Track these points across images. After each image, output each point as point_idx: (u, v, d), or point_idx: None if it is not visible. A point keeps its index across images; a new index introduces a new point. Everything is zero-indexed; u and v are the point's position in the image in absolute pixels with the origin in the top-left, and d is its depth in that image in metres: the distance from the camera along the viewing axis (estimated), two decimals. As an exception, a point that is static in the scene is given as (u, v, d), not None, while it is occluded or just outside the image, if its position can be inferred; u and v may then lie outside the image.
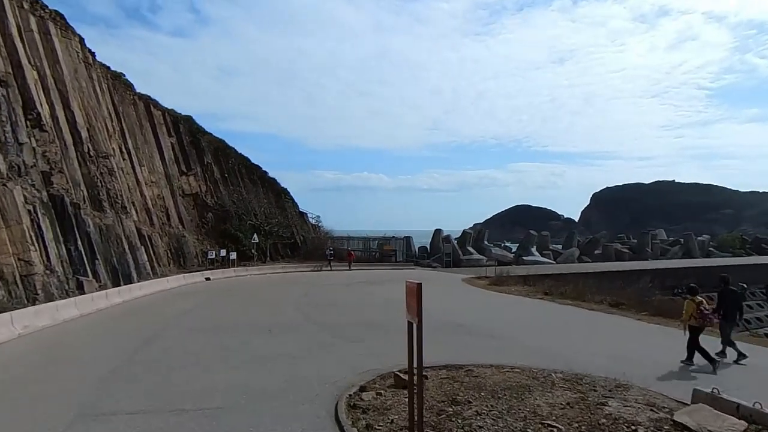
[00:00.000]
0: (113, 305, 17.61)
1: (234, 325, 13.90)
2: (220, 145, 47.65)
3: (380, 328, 13.37)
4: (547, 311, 17.54)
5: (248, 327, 13.40)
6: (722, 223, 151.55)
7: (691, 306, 9.83)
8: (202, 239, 41.33)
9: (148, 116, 40.49)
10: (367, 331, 12.89)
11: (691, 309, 9.79)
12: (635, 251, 56.98)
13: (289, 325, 13.61)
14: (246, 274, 32.63)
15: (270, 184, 50.86)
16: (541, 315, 16.66)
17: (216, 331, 12.83)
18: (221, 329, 13.14)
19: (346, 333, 12.52)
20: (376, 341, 11.48)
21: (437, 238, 48.31)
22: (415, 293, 5.35)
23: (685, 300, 10.27)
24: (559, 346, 11.52)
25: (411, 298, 5.49)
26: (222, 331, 12.94)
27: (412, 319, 5.59)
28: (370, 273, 35.47)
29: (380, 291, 23.90)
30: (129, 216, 29.31)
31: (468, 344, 11.34)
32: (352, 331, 12.88)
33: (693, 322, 9.80)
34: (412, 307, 5.46)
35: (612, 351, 10.91)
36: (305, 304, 18.50)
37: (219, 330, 13.04)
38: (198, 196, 43.59)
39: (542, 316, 16.13)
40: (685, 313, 9.99)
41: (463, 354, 10.12)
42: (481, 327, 13.72)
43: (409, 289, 5.54)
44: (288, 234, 45.07)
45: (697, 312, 9.71)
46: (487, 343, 11.52)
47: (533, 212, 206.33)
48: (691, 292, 10.30)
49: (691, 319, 9.79)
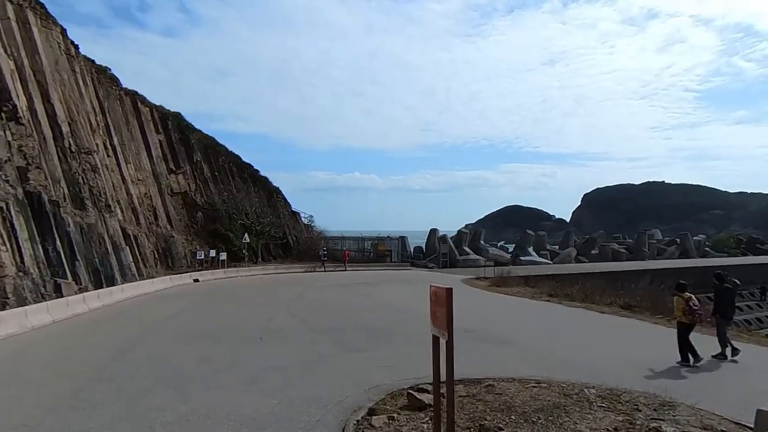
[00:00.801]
0: (91, 310, 16.29)
1: (220, 332, 12.66)
2: (209, 143, 46.28)
3: (384, 334, 12.28)
4: (557, 314, 16.54)
5: (236, 334, 12.19)
6: (712, 223, 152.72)
7: (680, 302, 9.67)
8: (192, 239, 39.95)
9: (135, 112, 39.06)
10: (370, 338, 11.78)
11: (681, 305, 9.65)
12: (632, 251, 56.42)
13: (282, 332, 12.42)
14: (236, 275, 31.37)
15: (261, 182, 49.57)
16: (552, 318, 15.67)
17: (200, 340, 11.58)
18: (206, 337, 11.90)
19: (347, 341, 11.39)
20: (381, 350, 10.38)
21: (433, 238, 47.32)
22: (445, 301, 4.28)
23: (674, 297, 10.06)
24: (578, 353, 10.53)
25: (438, 306, 4.41)
26: (206, 339, 11.68)
27: (440, 333, 4.50)
28: (365, 274, 34.36)
29: (379, 293, 22.81)
30: (113, 215, 27.95)
31: (482, 352, 10.28)
32: (352, 338, 11.76)
33: (683, 319, 9.63)
34: (440, 319, 4.38)
35: (637, 357, 9.95)
36: (299, 308, 17.34)
37: (203, 338, 11.81)
38: (187, 194, 42.20)
39: (554, 320, 15.13)
40: (676, 310, 9.86)
41: (479, 364, 9.07)
42: (492, 332, 12.67)
43: (437, 295, 4.45)
44: (280, 234, 43.81)
45: (687, 308, 9.54)
46: (502, 351, 10.48)
47: (525, 213, 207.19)
48: (680, 288, 10.01)
49: (683, 316, 9.64)
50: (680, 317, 9.74)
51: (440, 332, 4.47)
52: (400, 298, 20.59)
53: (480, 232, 49.54)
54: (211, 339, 11.59)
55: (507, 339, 11.85)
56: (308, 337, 11.90)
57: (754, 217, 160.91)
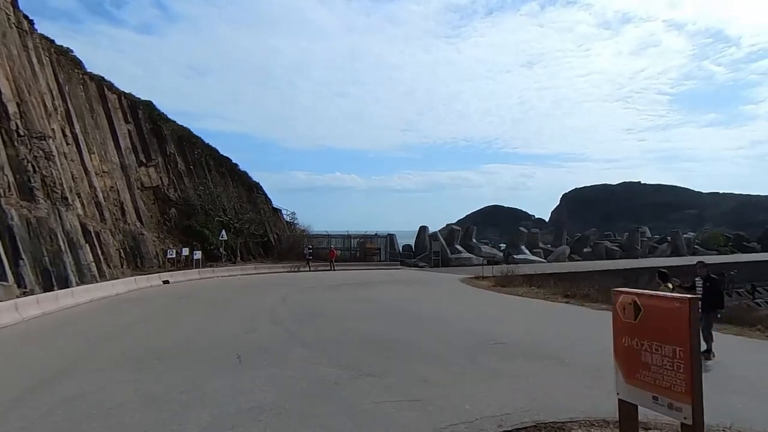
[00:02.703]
0: (26, 320, 13.17)
1: (185, 349, 9.77)
2: (184, 134, 43.02)
3: (393, 348, 9.71)
4: (588, 319, 14.19)
5: (206, 353, 9.36)
6: (686, 222, 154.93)
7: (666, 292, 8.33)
8: (164, 237, 36.70)
9: (101, 99, 35.66)
10: (378, 354, 9.17)
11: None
12: (625, 249, 55.13)
13: (265, 348, 9.64)
14: (212, 276, 28.39)
15: (240, 177, 46.47)
16: (586, 324, 13.29)
17: (155, 363, 8.60)
18: (165, 358, 8.96)
19: (350, 359, 8.75)
20: (398, 373, 7.79)
21: (423, 235, 44.99)
22: (683, 332, 1.74)
23: (659, 287, 8.89)
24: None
25: (661, 341, 1.90)
26: (165, 362, 8.71)
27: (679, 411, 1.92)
28: (354, 274, 31.72)
29: (373, 295, 20.24)
30: (71, 209, 24.75)
31: (530, 375, 7.81)
32: (356, 355, 9.13)
33: None
34: (664, 373, 1.88)
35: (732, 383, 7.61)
36: (285, 315, 14.63)
37: (161, 360, 8.87)
38: (159, 189, 38.89)
39: (593, 328, 12.71)
40: None
41: (535, 394, 6.62)
42: (530, 345, 10.22)
43: (657, 316, 1.94)
44: (260, 231, 40.82)
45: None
46: (556, 373, 8.03)
47: (505, 212, 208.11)
48: (663, 277, 9.13)
49: None
50: None
51: (683, 410, 1.92)
52: (399, 301, 18.07)
53: (472, 230, 47.38)
54: (172, 361, 8.69)
55: (551, 354, 9.41)
56: (299, 354, 9.18)
57: (726, 216, 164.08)
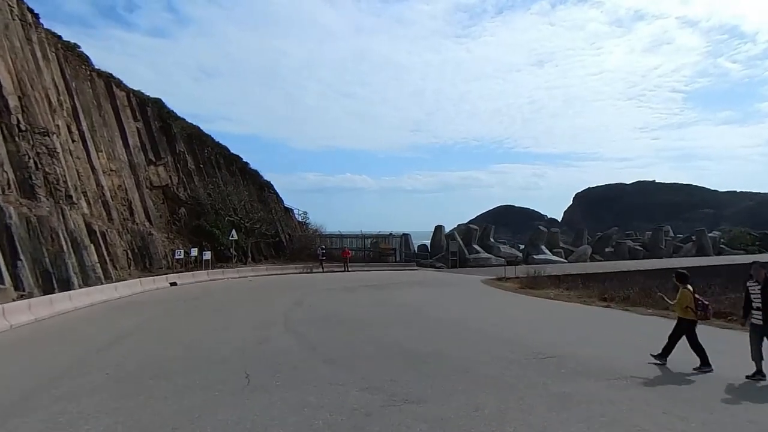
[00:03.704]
0: (13, 328, 11.90)
1: (186, 365, 8.36)
2: (194, 132, 42.02)
3: (431, 364, 8.27)
4: (643, 328, 12.55)
5: (209, 370, 8.03)
6: (703, 221, 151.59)
7: (688, 296, 8.26)
8: (173, 237, 35.67)
9: (109, 96, 34.75)
10: (414, 372, 7.70)
11: (688, 300, 8.23)
12: (648, 249, 53.03)
13: (279, 364, 8.21)
14: (222, 277, 27.19)
15: (251, 176, 45.35)
16: (644, 334, 11.58)
17: (148, 385, 7.14)
18: (160, 378, 7.52)
19: (380, 378, 7.30)
20: (443, 399, 6.32)
21: (439, 235, 43.48)
22: None
23: (681, 290, 8.43)
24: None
25: None
26: (160, 383, 7.21)
27: None
28: (370, 275, 30.36)
29: (394, 298, 18.84)
30: (76, 208, 23.74)
31: (610, 401, 6.34)
32: (388, 373, 7.67)
33: (691, 316, 8.21)
34: None
35: None
36: (300, 320, 13.28)
37: (155, 380, 7.42)
38: (168, 188, 37.88)
39: (650, 337, 10.98)
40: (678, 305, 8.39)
41: (628, 427, 5.16)
42: (587, 359, 8.71)
43: None
44: (272, 231, 39.60)
45: (698, 303, 8.20)
46: (637, 396, 6.55)
47: (516, 212, 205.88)
48: (682, 279, 8.56)
49: (688, 312, 8.21)
50: (684, 314, 8.27)
51: None
52: (423, 305, 16.65)
53: (489, 229, 45.73)
54: (167, 381, 7.25)
55: (618, 371, 7.91)
56: (320, 371, 7.78)
57: (743, 215, 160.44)
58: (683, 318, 8.31)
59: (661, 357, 8.36)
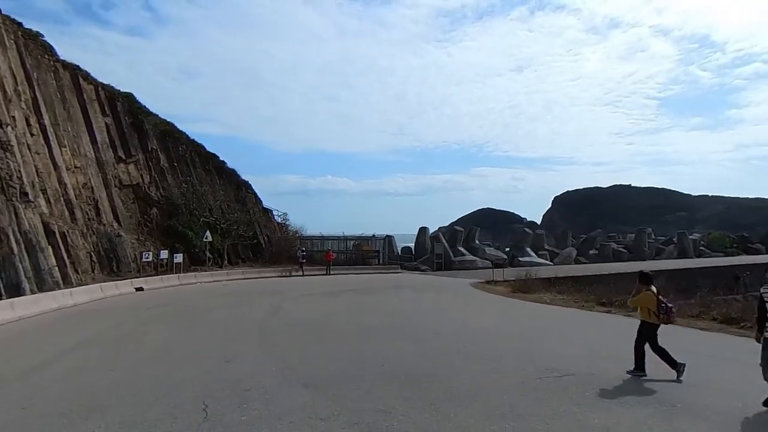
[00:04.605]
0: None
1: (133, 393, 6.60)
2: (167, 129, 39.98)
3: (431, 388, 6.92)
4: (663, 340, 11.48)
5: (159, 397, 6.40)
6: (677, 225, 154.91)
7: (651, 298, 7.65)
8: (144, 239, 33.63)
9: (75, 89, 32.63)
10: (413, 401, 6.30)
11: (651, 303, 7.62)
12: (632, 251, 52.92)
13: (249, 388, 6.70)
14: (195, 281, 25.43)
15: (228, 175, 43.46)
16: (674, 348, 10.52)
17: (73, 420, 5.60)
18: (93, 409, 5.92)
19: (373, 409, 5.84)
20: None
21: (423, 237, 42.37)
22: None
23: (642, 291, 7.79)
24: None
25: None
26: (92, 415, 5.74)
27: None
28: (353, 278, 28.94)
29: (381, 303, 17.49)
30: (33, 207, 21.81)
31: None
32: (380, 400, 6.29)
33: (653, 319, 7.64)
34: None
35: None
36: (277, 332, 11.80)
37: (87, 418, 5.66)
38: (139, 187, 35.80)
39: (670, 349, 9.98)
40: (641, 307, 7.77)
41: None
42: (609, 378, 7.52)
43: None
44: (250, 233, 37.83)
45: (661, 306, 7.57)
46: (690, 429, 5.33)
47: (497, 215, 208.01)
48: (646, 280, 7.90)
49: (650, 316, 7.64)
50: (647, 317, 7.68)
51: None
52: (413, 312, 15.34)
53: (475, 231, 44.77)
54: (103, 419, 5.56)
55: (650, 393, 6.73)
56: (298, 399, 6.29)
57: (715, 218, 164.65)
58: (645, 321, 7.77)
59: (637, 370, 7.76)
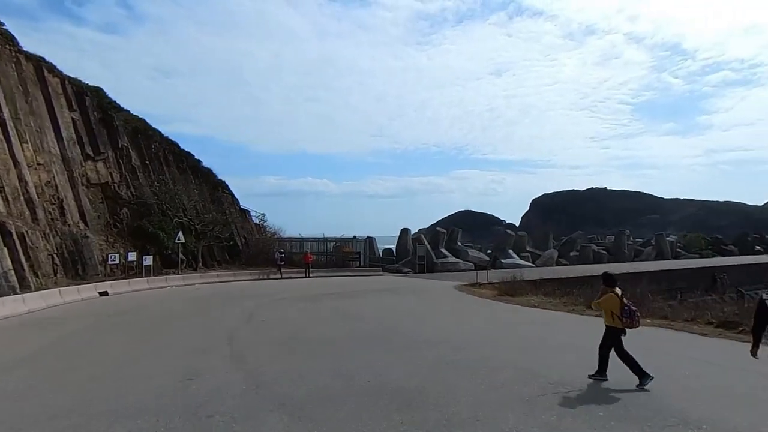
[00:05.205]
0: None
1: (70, 426, 5.48)
2: (139, 126, 38.32)
3: (424, 411, 6.06)
4: (669, 347, 10.85)
5: (102, 428, 5.36)
6: (650, 227, 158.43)
7: (614, 301, 7.25)
8: (113, 241, 31.99)
9: (39, 82, 30.89)
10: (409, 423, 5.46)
11: (615, 306, 7.21)
12: (612, 252, 53.14)
13: (213, 414, 5.75)
14: (165, 285, 24.06)
15: (204, 175, 41.95)
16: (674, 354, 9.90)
17: None
18: None
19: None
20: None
21: (405, 239, 41.55)
22: None
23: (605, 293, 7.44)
24: None
25: None
26: None
27: None
28: (333, 281, 27.93)
29: (363, 309, 16.56)
30: (-13, 205, 20.25)
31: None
32: (368, 426, 5.46)
33: (617, 324, 7.27)
34: None
35: None
36: (250, 342, 10.76)
37: None
38: (108, 186, 34.09)
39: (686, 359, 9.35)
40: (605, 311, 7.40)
41: None
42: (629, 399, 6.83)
43: None
44: (226, 234, 36.43)
45: (625, 309, 7.16)
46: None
47: (476, 217, 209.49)
48: (610, 281, 7.56)
49: (614, 320, 7.25)
50: (610, 321, 7.35)
51: None
52: (397, 319, 14.46)
53: (457, 233, 44.21)
54: None
55: (679, 412, 6.02)
56: (270, 427, 5.40)
57: (687, 221, 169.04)
58: (609, 326, 7.41)
59: (599, 374, 7.50)
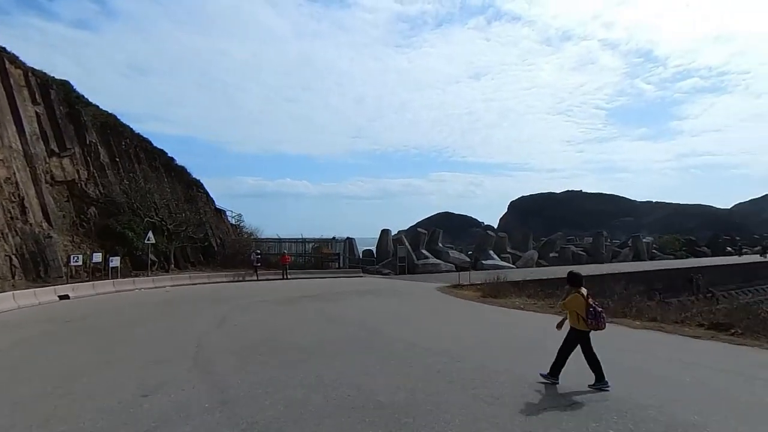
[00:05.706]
0: None
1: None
2: (109, 121, 36.73)
3: (420, 425, 5.34)
4: (663, 351, 10.39)
5: None
6: (624, 229, 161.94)
7: (580, 301, 6.84)
8: (79, 241, 30.42)
9: (0, 74, 29.20)
10: None
11: (580, 307, 6.81)
12: (590, 254, 53.50)
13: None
14: (132, 288, 22.75)
15: (177, 173, 40.50)
16: (681, 361, 9.43)
17: None
18: None
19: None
20: None
21: (385, 240, 40.86)
22: None
23: (571, 294, 7.10)
24: None
25: None
26: None
27: None
28: (312, 283, 26.99)
29: (343, 312, 15.74)
30: (-64, 202, 18.73)
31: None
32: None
33: (582, 326, 6.87)
34: None
35: None
36: (218, 351, 9.79)
37: None
38: (75, 184, 32.46)
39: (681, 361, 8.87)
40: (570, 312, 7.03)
41: None
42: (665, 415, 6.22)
43: None
44: (200, 235, 35.11)
45: (591, 310, 6.73)
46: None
47: (455, 219, 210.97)
48: (576, 281, 7.11)
49: (579, 321, 6.86)
50: (575, 323, 6.98)
51: None
52: (379, 323, 13.69)
53: (438, 234, 43.71)
54: None
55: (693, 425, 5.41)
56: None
57: (659, 223, 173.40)
58: (573, 328, 7.06)
59: (552, 376, 7.19)
